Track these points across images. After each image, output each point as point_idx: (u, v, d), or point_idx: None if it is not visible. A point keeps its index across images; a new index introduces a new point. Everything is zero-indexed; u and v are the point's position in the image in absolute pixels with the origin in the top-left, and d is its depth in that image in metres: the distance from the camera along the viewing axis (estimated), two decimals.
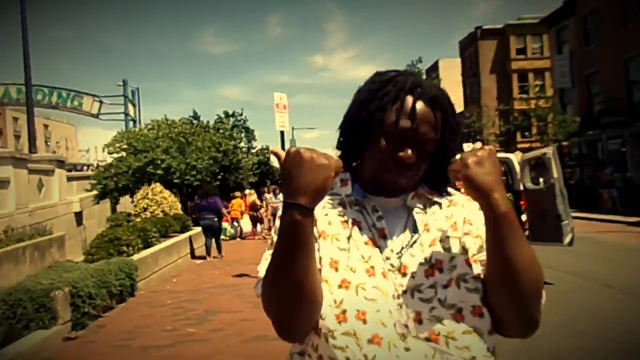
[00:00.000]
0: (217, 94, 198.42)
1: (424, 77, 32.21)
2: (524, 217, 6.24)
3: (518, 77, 33.52)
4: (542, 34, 30.90)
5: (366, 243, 0.95)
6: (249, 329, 4.64)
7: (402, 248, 0.95)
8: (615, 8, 19.77)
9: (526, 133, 29.96)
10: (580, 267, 6.99)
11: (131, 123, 25.14)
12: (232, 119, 21.35)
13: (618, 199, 15.90)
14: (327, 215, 0.99)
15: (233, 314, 5.35)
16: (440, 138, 0.95)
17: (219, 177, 15.86)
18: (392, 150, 0.93)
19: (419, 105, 0.93)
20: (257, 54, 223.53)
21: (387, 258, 0.94)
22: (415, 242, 0.95)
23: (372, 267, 0.92)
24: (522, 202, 6.48)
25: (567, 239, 5.88)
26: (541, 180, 6.26)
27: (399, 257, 0.94)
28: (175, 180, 14.48)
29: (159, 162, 14.38)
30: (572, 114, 22.34)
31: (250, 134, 22.35)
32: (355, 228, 0.97)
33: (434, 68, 42.36)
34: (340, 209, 1.00)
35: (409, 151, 0.92)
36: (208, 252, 10.10)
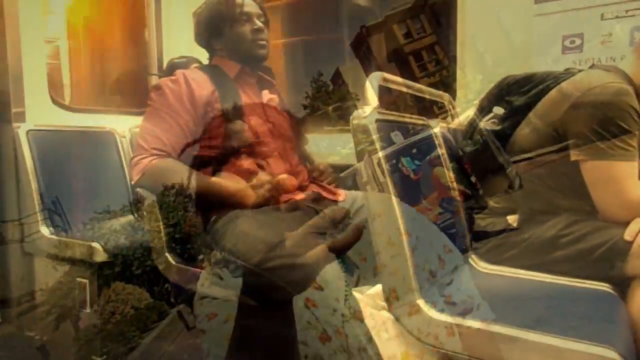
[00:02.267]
0: None
1: (330, 87, 33.16)
2: (473, 179, 6.64)
3: (414, 58, 35.66)
4: (418, 15, 33.24)
5: None
6: None
7: None
8: None
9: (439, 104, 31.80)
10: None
11: None
12: None
13: None
14: None
15: None
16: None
17: None
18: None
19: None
20: None
21: None
22: None
23: None
24: (466, 165, 6.91)
25: (516, 184, 6.34)
26: (471, 141, 6.70)
27: None
28: (136, 272, 13.54)
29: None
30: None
31: None
32: None
33: (337, 75, 43.87)
34: None
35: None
36: None
